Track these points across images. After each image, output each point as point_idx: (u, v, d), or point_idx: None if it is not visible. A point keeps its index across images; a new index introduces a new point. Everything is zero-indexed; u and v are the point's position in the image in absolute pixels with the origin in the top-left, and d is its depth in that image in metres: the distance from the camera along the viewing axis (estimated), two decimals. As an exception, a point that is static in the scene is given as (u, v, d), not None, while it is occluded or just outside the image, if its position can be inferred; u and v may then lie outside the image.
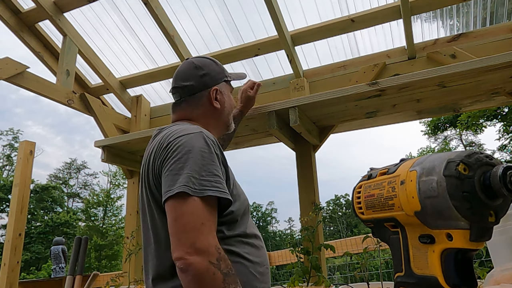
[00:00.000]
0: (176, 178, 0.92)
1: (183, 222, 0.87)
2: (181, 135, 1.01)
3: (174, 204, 0.90)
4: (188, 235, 0.86)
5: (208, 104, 1.22)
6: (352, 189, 0.64)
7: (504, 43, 2.31)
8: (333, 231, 37.90)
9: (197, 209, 0.89)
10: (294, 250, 2.00)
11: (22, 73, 2.62)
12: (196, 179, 0.91)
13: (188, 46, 2.97)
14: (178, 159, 0.95)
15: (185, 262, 0.84)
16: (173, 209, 0.90)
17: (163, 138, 1.05)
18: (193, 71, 1.23)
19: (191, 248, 0.85)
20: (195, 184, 0.90)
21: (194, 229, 0.87)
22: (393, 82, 1.82)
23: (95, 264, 21.73)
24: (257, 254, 1.07)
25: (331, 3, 2.58)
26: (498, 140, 15.38)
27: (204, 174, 0.93)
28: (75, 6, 2.84)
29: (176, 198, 0.90)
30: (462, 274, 0.49)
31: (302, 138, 2.25)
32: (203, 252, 0.85)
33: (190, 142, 0.98)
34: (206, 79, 1.22)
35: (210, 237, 0.88)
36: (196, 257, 0.84)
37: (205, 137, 1.01)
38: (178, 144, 0.98)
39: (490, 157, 0.48)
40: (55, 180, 32.60)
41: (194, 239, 0.86)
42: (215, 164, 0.97)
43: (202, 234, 0.87)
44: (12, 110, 52.77)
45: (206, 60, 1.27)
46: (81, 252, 2.10)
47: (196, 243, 0.85)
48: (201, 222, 0.88)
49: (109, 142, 2.57)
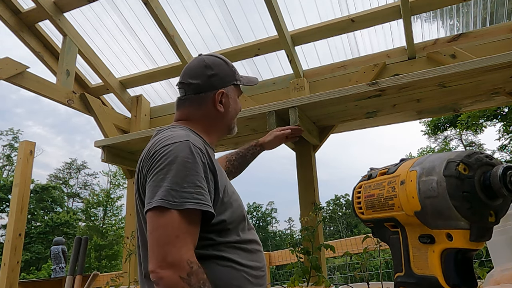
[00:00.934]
0: (155, 190, 0.92)
1: (157, 235, 0.88)
2: (167, 144, 0.99)
3: (151, 216, 0.91)
4: (161, 249, 0.86)
5: (212, 106, 1.17)
6: (352, 189, 0.64)
7: (504, 43, 2.31)
8: (333, 231, 37.91)
9: (173, 222, 0.88)
10: (294, 250, 2.00)
11: (22, 73, 2.62)
12: (177, 192, 0.90)
13: (188, 46, 2.97)
14: (160, 170, 0.94)
15: (157, 275, 0.85)
16: (150, 221, 0.91)
17: (152, 145, 1.04)
18: (202, 70, 1.17)
19: (162, 262, 0.85)
20: (175, 197, 0.89)
21: (167, 243, 0.87)
22: (393, 82, 1.82)
23: (95, 264, 21.73)
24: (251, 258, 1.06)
25: (331, 3, 2.58)
26: (498, 140, 15.38)
27: (186, 186, 0.91)
28: (75, 6, 2.84)
29: (153, 211, 0.90)
30: (462, 274, 0.49)
31: (302, 138, 2.25)
32: (174, 266, 0.85)
33: (173, 152, 0.96)
34: (214, 80, 1.17)
35: (183, 250, 0.87)
36: (166, 271, 0.84)
37: (191, 146, 0.98)
38: (162, 154, 0.97)
39: (490, 157, 0.48)
40: (55, 180, 32.61)
41: (166, 252, 0.86)
42: (198, 174, 0.95)
43: (174, 248, 0.86)
44: (13, 110, 52.79)
45: (218, 60, 1.21)
46: (81, 252, 2.10)
47: (167, 257, 0.85)
48: (175, 235, 0.87)
49: (109, 142, 2.57)
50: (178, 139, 1.00)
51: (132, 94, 3.41)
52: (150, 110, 3.43)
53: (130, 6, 2.89)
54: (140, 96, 3.35)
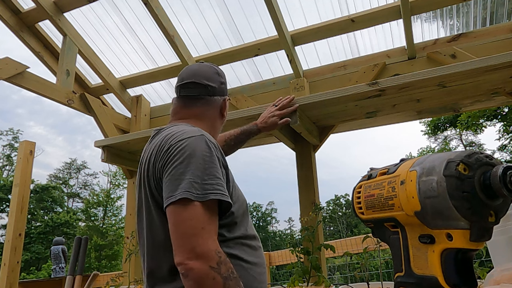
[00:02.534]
0: (177, 183, 0.92)
1: (184, 228, 0.89)
2: (183, 138, 1.00)
3: (174, 209, 0.91)
4: (188, 241, 0.87)
5: (218, 110, 1.26)
6: (352, 189, 0.64)
7: (504, 43, 2.31)
8: (333, 231, 37.89)
9: (198, 214, 0.89)
10: (294, 250, 2.00)
11: (22, 73, 2.62)
12: (198, 184, 0.92)
13: (188, 46, 2.97)
14: (179, 164, 0.95)
15: (186, 267, 0.85)
16: (173, 215, 0.91)
17: (164, 140, 1.05)
18: (216, 76, 1.26)
19: (191, 253, 0.86)
20: (197, 189, 0.91)
21: (194, 234, 0.88)
22: (393, 82, 1.82)
23: (95, 264, 21.71)
24: (255, 255, 1.08)
25: (331, 3, 2.58)
26: (498, 140, 15.39)
27: (206, 178, 0.93)
28: (75, 6, 2.84)
29: (177, 205, 0.90)
30: (462, 274, 0.49)
31: (302, 138, 2.25)
32: (203, 257, 0.86)
33: (191, 146, 0.98)
34: (224, 88, 1.28)
35: (210, 241, 0.89)
36: (195, 262, 0.85)
37: (207, 140, 1.01)
38: (179, 148, 0.98)
39: (490, 157, 0.48)
40: (55, 180, 32.61)
41: (194, 244, 0.87)
42: (217, 166, 0.98)
43: (201, 239, 0.88)
44: (14, 110, 52.88)
45: (222, 71, 1.33)
46: (81, 252, 2.10)
47: (196, 248, 0.86)
48: (201, 227, 0.89)
49: (109, 142, 2.57)
50: (193, 134, 1.02)
51: (132, 94, 3.41)
52: (150, 110, 3.43)
53: (131, 8, 2.89)
54: (140, 96, 3.35)
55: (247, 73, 3.06)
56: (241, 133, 1.65)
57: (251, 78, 3.08)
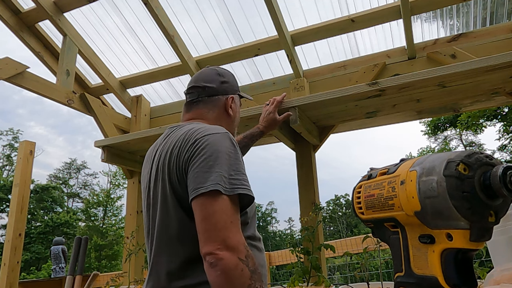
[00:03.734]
0: (207, 176, 0.94)
1: (215, 220, 0.90)
2: (209, 134, 1.03)
3: (204, 201, 0.92)
4: (220, 233, 0.89)
5: (223, 109, 1.27)
6: (352, 189, 0.64)
7: (504, 43, 2.31)
8: (333, 231, 37.88)
9: (227, 207, 0.92)
10: (294, 250, 2.00)
11: (22, 73, 2.62)
12: (226, 178, 0.94)
13: (188, 46, 2.97)
14: (207, 157, 0.97)
15: (216, 257, 0.86)
16: (203, 207, 0.92)
17: (188, 133, 1.07)
18: (215, 76, 1.29)
19: (222, 245, 0.88)
20: (226, 183, 0.93)
21: (224, 227, 0.90)
22: (393, 82, 1.82)
23: (95, 264, 21.71)
24: (261, 257, 1.10)
25: (331, 3, 2.58)
26: (498, 140, 15.39)
27: (233, 174, 0.96)
28: (75, 6, 2.84)
29: (207, 196, 0.92)
30: (462, 274, 0.49)
31: (302, 138, 2.25)
32: (234, 249, 0.88)
33: (218, 142, 1.01)
34: (226, 86, 1.30)
35: (239, 235, 0.91)
36: (226, 252, 0.87)
37: (231, 137, 1.05)
38: (206, 142, 1.00)
39: (490, 157, 0.48)
40: (55, 180, 32.61)
41: (225, 236, 0.89)
42: (242, 163, 1.02)
43: (231, 232, 0.90)
44: (15, 111, 52.94)
45: (226, 71, 1.36)
46: (81, 252, 2.10)
47: (227, 240, 0.88)
48: (230, 220, 0.91)
49: (109, 142, 2.57)
50: (218, 131, 1.06)
51: (132, 94, 3.41)
52: (150, 110, 3.43)
53: (131, 8, 2.89)
54: (140, 96, 3.35)
55: (247, 73, 3.06)
56: (243, 137, 1.68)
57: (251, 78, 3.08)
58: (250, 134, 1.70)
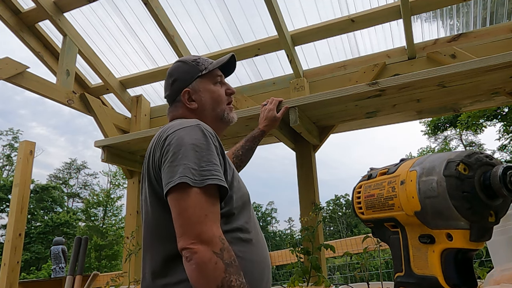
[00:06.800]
0: (176, 169, 0.94)
1: (188, 215, 0.90)
2: (179, 128, 1.03)
3: (177, 197, 0.92)
4: (193, 227, 0.89)
5: (185, 107, 1.25)
6: (352, 189, 0.64)
7: (504, 43, 2.31)
8: (333, 231, 37.88)
9: (200, 201, 0.91)
10: (294, 250, 2.00)
11: (22, 73, 2.62)
12: (196, 170, 0.93)
13: (188, 46, 2.97)
14: (176, 151, 0.97)
15: (191, 251, 0.87)
16: (176, 203, 0.92)
17: (162, 131, 1.08)
18: (167, 81, 1.29)
19: (196, 239, 0.88)
20: (195, 175, 0.92)
21: (198, 222, 0.89)
22: (393, 82, 1.82)
23: (95, 264, 21.70)
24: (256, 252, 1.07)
25: (331, 3, 2.58)
26: (498, 140, 15.39)
27: (204, 165, 0.95)
28: (75, 6, 2.84)
29: (178, 191, 0.92)
30: (462, 274, 0.49)
31: (302, 138, 2.25)
32: (208, 242, 0.88)
33: (186, 135, 1.00)
34: (176, 85, 1.26)
35: (214, 227, 0.91)
36: (200, 246, 0.87)
37: (203, 129, 1.03)
38: (176, 137, 1.00)
39: (490, 157, 0.48)
40: (55, 180, 32.61)
41: (198, 231, 0.89)
42: (214, 153, 0.99)
43: (206, 226, 0.89)
44: (17, 111, 53.02)
45: (177, 64, 1.30)
46: (81, 252, 2.10)
47: (201, 234, 0.88)
48: (204, 214, 0.90)
49: (109, 142, 2.57)
50: (190, 124, 1.05)
51: (132, 94, 3.41)
52: (150, 110, 3.43)
53: (130, 7, 2.89)
54: (140, 96, 3.35)
55: (247, 73, 3.06)
56: (246, 141, 1.66)
57: (251, 78, 3.08)
58: (252, 136, 1.68)
